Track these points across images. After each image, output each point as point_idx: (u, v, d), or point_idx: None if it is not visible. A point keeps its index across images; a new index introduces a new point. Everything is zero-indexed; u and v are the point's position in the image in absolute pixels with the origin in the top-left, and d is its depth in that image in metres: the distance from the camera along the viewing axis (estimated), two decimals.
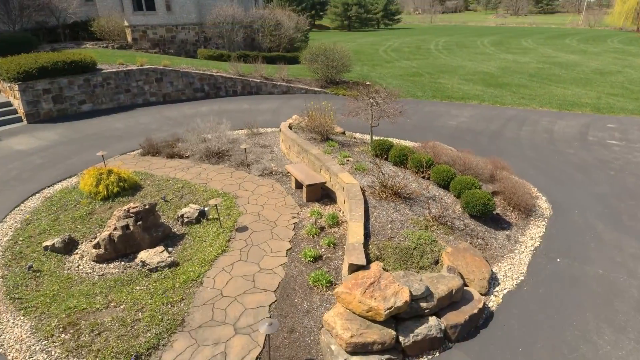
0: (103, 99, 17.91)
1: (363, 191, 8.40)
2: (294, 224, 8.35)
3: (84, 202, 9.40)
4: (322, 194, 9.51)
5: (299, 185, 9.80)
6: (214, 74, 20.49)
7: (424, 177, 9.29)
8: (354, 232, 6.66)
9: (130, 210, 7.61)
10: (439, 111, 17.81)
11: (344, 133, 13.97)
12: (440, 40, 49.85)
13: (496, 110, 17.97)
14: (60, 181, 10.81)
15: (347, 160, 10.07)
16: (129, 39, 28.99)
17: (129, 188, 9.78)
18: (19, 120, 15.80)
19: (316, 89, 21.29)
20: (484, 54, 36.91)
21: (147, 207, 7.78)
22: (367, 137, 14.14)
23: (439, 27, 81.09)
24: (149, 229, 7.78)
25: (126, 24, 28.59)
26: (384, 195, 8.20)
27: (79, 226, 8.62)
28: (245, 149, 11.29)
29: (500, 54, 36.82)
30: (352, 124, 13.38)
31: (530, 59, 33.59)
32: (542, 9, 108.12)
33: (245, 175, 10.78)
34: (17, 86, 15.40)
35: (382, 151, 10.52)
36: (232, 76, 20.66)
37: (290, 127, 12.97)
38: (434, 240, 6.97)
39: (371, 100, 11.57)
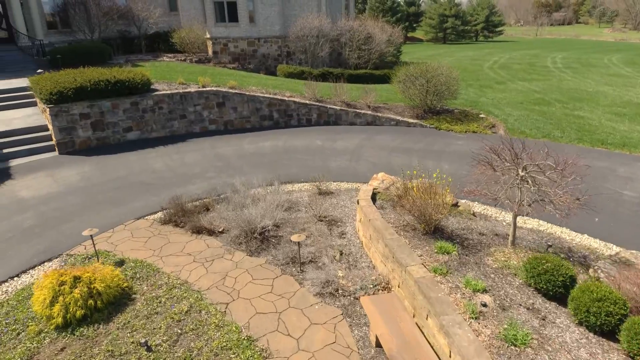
0: (153, 126, 14.94)
1: None
2: None
3: (31, 329, 5.78)
4: None
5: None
6: (286, 98, 16.71)
7: None
8: None
9: None
10: (598, 168, 11.98)
11: (456, 205, 9.12)
12: (557, 56, 41.95)
13: None
14: (34, 267, 7.38)
15: (482, 309, 5.26)
16: (210, 52, 26.79)
17: (104, 307, 5.97)
18: (51, 149, 13.20)
19: (410, 120, 16.56)
20: (621, 76, 29.09)
21: None
22: (498, 214, 9.10)
23: (547, 40, 71.05)
24: None
25: (207, 36, 26.43)
26: None
27: None
28: (298, 243, 7.00)
29: None
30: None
31: None
32: None
33: (294, 290, 6.49)
34: (49, 109, 12.85)
35: (550, 285, 5.54)
36: (306, 101, 16.73)
37: (373, 196, 8.48)
38: None
39: (521, 173, 6.69)
